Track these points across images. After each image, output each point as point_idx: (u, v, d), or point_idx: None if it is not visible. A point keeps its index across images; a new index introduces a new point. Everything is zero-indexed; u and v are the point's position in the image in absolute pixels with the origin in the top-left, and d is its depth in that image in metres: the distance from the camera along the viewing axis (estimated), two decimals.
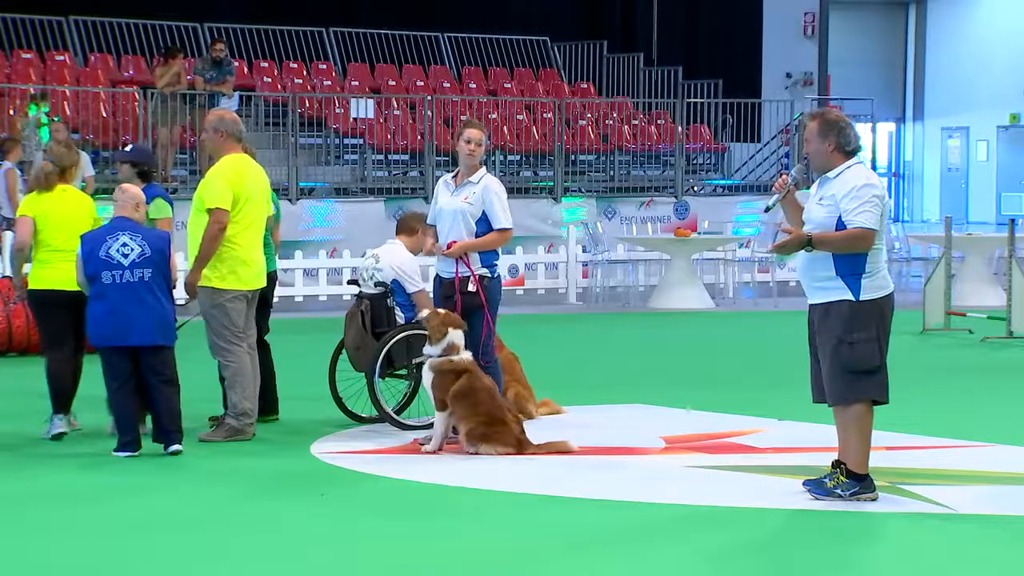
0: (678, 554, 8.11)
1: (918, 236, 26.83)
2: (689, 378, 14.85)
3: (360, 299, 11.83)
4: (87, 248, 10.70)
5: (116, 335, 10.59)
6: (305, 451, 10.87)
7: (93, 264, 10.63)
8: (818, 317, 9.02)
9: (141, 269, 10.62)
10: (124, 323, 10.56)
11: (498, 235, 11.31)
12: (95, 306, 10.68)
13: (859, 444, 8.99)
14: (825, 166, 9.02)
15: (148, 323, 10.62)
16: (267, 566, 7.89)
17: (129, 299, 10.57)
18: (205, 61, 24.57)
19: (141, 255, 10.63)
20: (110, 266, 10.59)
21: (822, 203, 8.97)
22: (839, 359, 8.93)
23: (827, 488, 9.01)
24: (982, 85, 41.30)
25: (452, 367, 10.79)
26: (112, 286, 10.58)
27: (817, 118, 9.13)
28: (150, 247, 10.67)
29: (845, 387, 8.96)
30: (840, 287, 8.94)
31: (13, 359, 15.93)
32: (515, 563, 7.94)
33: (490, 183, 11.31)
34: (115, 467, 10.37)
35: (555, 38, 30.58)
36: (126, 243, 10.63)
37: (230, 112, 11.64)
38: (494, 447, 10.57)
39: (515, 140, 26.63)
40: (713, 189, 28.17)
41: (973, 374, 15.17)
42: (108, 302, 10.59)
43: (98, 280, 10.63)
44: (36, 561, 7.97)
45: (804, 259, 9.02)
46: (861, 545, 8.31)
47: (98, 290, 10.64)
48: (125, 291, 10.58)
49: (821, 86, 35.49)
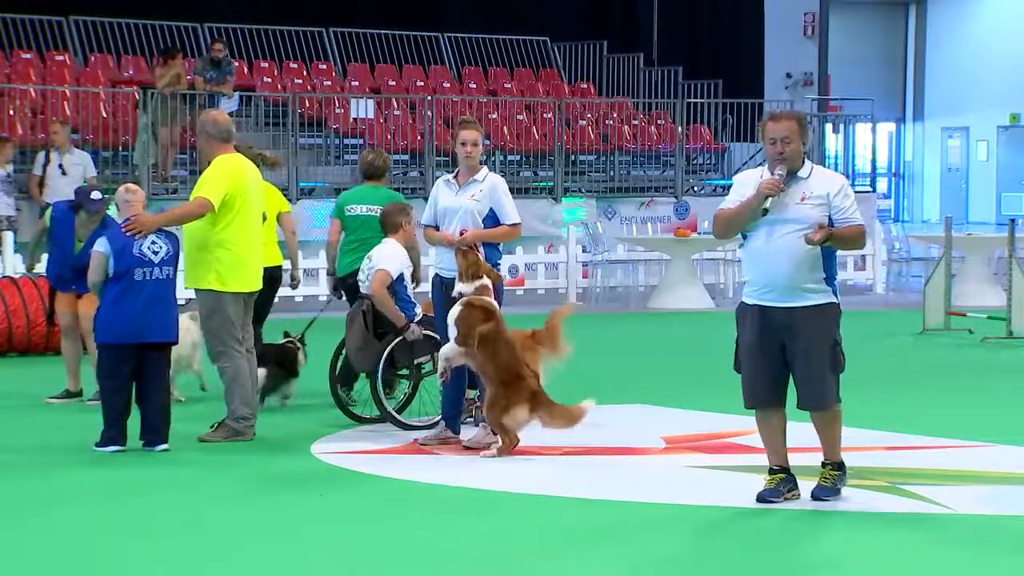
0: (678, 554, 8.11)
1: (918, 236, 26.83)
2: (689, 378, 14.86)
3: (361, 300, 11.83)
4: (118, 245, 10.77)
5: (139, 332, 10.72)
6: (305, 451, 10.87)
7: (126, 261, 10.71)
8: (800, 320, 8.85)
9: (167, 267, 10.85)
10: (149, 320, 10.73)
11: (509, 229, 11.26)
12: (124, 302, 10.72)
13: (839, 437, 9.06)
14: (796, 165, 8.93)
15: (169, 320, 10.86)
16: (267, 566, 7.89)
17: (157, 296, 10.76)
18: (205, 61, 24.55)
19: (168, 253, 10.86)
20: (143, 263, 10.74)
21: (810, 203, 8.84)
22: (834, 361, 8.91)
23: (834, 488, 9.02)
24: (982, 85, 41.29)
25: (483, 304, 10.71)
26: (144, 283, 10.72)
27: (794, 117, 8.99)
28: (172, 247, 10.89)
29: (834, 389, 8.96)
30: (826, 290, 8.92)
31: (13, 359, 15.92)
32: (515, 563, 7.94)
33: (496, 181, 11.28)
34: (114, 467, 10.36)
35: (555, 38, 30.57)
36: (155, 241, 10.83)
37: (222, 114, 11.64)
38: (510, 413, 10.49)
39: (515, 140, 26.62)
40: (713, 189, 28.16)
41: (973, 374, 15.18)
42: (137, 299, 10.70)
43: (129, 276, 10.72)
44: (36, 561, 7.97)
45: (790, 262, 8.82)
46: (861, 545, 8.31)
47: (126, 287, 10.71)
48: (155, 288, 10.76)
49: (821, 86, 35.49)
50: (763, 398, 9.05)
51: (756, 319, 8.98)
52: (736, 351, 9.16)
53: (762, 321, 8.96)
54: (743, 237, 9.07)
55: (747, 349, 9.06)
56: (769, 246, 8.89)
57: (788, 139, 8.89)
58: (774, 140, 8.92)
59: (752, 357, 9.02)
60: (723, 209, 9.09)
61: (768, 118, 9.06)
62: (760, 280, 8.98)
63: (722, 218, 9.10)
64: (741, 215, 8.96)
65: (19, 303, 15.94)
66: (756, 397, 9.07)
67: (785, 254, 8.85)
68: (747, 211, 8.92)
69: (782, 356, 8.96)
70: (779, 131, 8.92)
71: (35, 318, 15.90)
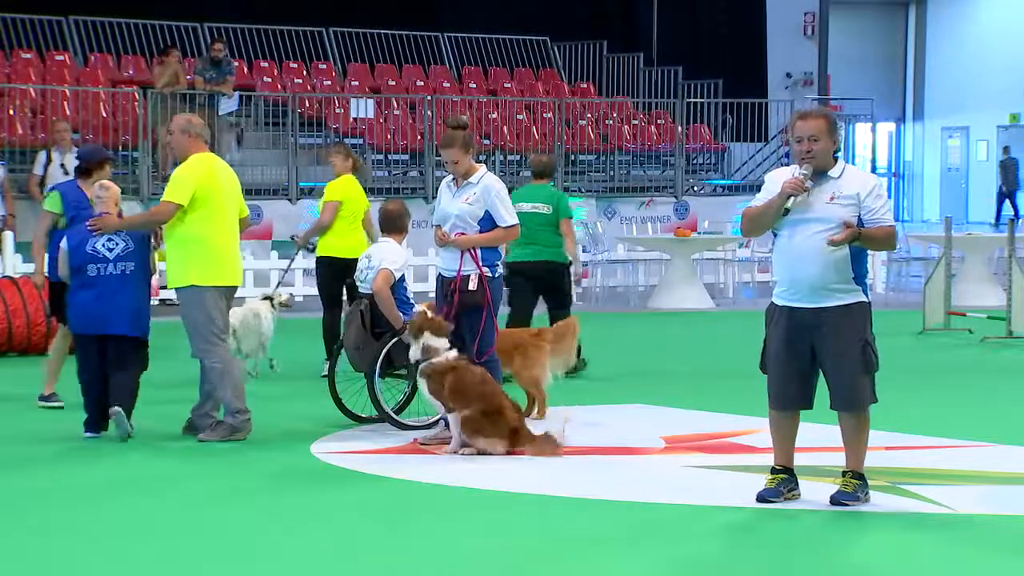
0: (678, 554, 8.11)
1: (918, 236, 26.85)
2: (689, 378, 14.86)
3: (359, 299, 11.83)
4: (74, 241, 11.29)
5: (95, 324, 11.17)
6: (305, 451, 10.87)
7: (80, 257, 11.21)
8: (830, 321, 8.75)
9: (124, 263, 11.21)
10: (108, 313, 11.13)
11: (503, 231, 11.28)
12: (79, 295, 11.26)
13: (865, 446, 8.96)
14: (826, 165, 8.90)
15: (125, 314, 11.17)
16: (267, 566, 7.88)
17: (114, 291, 11.16)
18: (205, 61, 24.55)
19: (125, 249, 11.22)
20: (96, 260, 11.18)
21: (839, 203, 8.74)
22: (865, 361, 8.79)
23: (854, 495, 8.94)
24: (982, 85, 41.31)
25: (434, 369, 10.79)
26: (97, 278, 11.17)
27: (823, 116, 8.90)
28: (134, 242, 11.25)
29: (870, 390, 8.86)
30: (855, 289, 8.81)
31: (13, 359, 15.92)
32: (515, 563, 7.94)
33: (490, 182, 11.29)
34: (112, 467, 10.37)
35: (555, 38, 30.59)
36: (111, 238, 11.23)
37: (196, 116, 11.75)
38: (488, 440, 10.56)
39: (515, 140, 26.63)
40: (713, 189, 28.18)
41: (973, 374, 15.17)
42: (91, 293, 11.18)
43: (83, 272, 11.20)
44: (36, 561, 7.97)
45: (819, 262, 8.71)
46: (861, 545, 8.31)
47: (81, 281, 11.23)
48: (111, 283, 11.17)
49: (821, 86, 35.51)
50: (790, 401, 8.94)
51: (784, 320, 8.87)
52: (763, 351, 9.08)
53: (790, 322, 8.86)
54: (774, 236, 9.02)
55: (775, 351, 8.93)
56: (797, 246, 8.79)
57: (815, 138, 8.79)
58: (800, 138, 8.83)
59: (781, 359, 8.90)
60: (750, 207, 9.06)
61: (796, 116, 8.96)
62: (788, 280, 8.88)
63: (748, 216, 9.06)
64: (766, 214, 8.90)
65: (19, 303, 15.93)
66: (783, 399, 8.95)
67: (813, 254, 8.74)
68: (771, 210, 8.85)
69: (811, 358, 8.88)
70: (806, 129, 8.82)
71: (35, 318, 15.91)
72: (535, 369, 12.25)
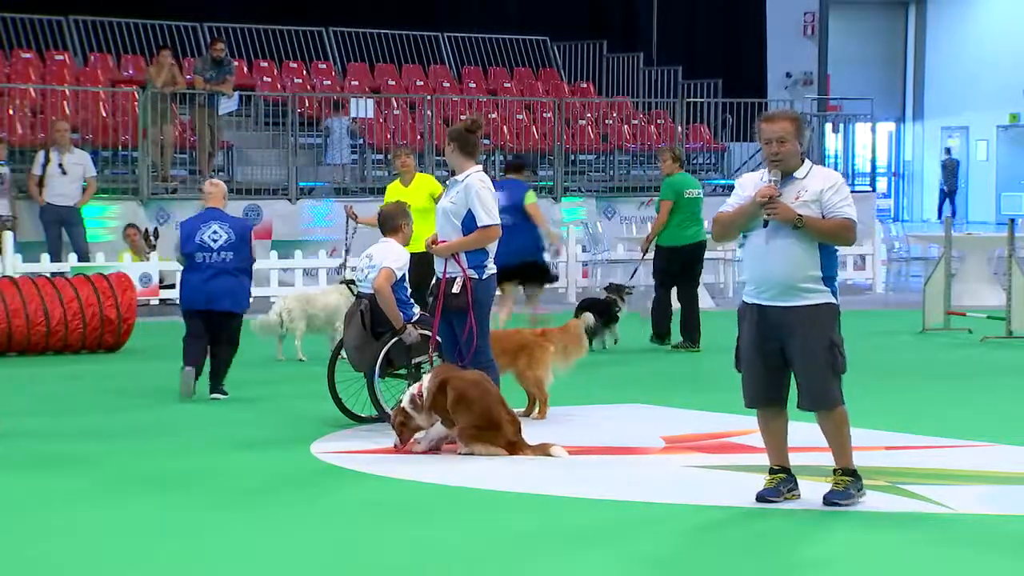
0: (678, 554, 8.12)
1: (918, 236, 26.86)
2: (689, 378, 14.87)
3: (359, 299, 11.83)
4: (185, 232, 13.20)
5: (201, 301, 13.00)
6: (305, 451, 10.87)
7: (190, 246, 13.07)
8: (796, 320, 8.80)
9: (226, 252, 13.02)
10: (208, 293, 12.95)
11: (479, 233, 11.05)
12: (188, 277, 13.13)
13: (849, 442, 8.99)
14: (794, 166, 8.91)
15: (227, 294, 13.00)
16: (267, 566, 7.88)
17: (218, 275, 12.98)
18: (205, 61, 24.52)
19: (228, 241, 13.02)
20: (203, 249, 13.02)
21: (802, 200, 8.78)
22: (831, 362, 8.86)
23: (846, 493, 8.97)
24: (982, 85, 41.33)
25: (435, 388, 10.71)
26: (203, 264, 13.02)
27: (789, 118, 8.93)
28: (235, 234, 13.06)
29: (836, 390, 8.91)
30: (824, 290, 8.86)
31: (13, 359, 15.92)
32: (515, 562, 7.94)
33: (472, 182, 11.12)
34: (112, 467, 10.37)
35: (555, 38, 30.58)
36: (216, 230, 13.05)
37: None
38: (485, 447, 10.55)
39: (515, 140, 26.63)
40: (713, 189, 28.17)
41: (973, 374, 15.17)
42: (198, 276, 13.01)
43: (192, 258, 13.06)
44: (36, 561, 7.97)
45: (786, 261, 8.79)
46: (861, 544, 8.30)
47: (191, 266, 13.09)
48: (216, 269, 12.99)
49: (821, 86, 35.50)
50: (762, 398, 9.03)
51: (754, 318, 8.96)
52: (736, 350, 9.15)
53: (760, 320, 8.94)
54: (743, 236, 9.06)
55: (746, 349, 9.04)
56: (766, 245, 8.86)
57: (783, 139, 8.84)
58: (769, 141, 8.88)
59: (751, 357, 9.00)
60: (722, 213, 9.10)
61: (763, 119, 9.00)
62: (758, 279, 8.96)
63: (720, 222, 9.11)
64: (737, 220, 8.96)
65: (19, 303, 15.92)
66: (755, 397, 9.05)
67: (781, 253, 8.81)
68: (743, 217, 8.92)
69: (781, 356, 8.95)
70: (774, 132, 8.87)
71: (35, 318, 15.91)
72: (539, 370, 12.25)
